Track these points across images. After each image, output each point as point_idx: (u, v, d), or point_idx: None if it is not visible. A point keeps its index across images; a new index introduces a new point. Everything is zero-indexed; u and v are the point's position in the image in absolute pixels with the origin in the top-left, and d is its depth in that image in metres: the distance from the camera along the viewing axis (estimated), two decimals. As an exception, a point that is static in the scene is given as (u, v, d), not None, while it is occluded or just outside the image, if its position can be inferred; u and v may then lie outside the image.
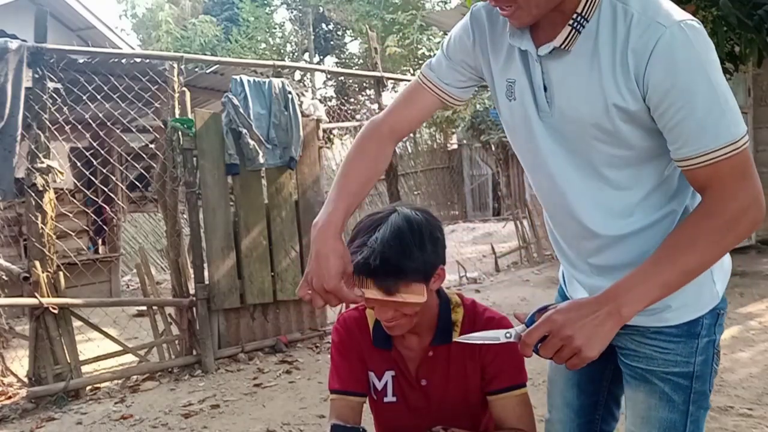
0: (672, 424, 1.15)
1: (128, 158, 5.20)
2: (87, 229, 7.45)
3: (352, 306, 1.56)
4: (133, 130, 5.76)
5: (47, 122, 3.67)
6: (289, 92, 4.46)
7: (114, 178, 6.40)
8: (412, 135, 16.43)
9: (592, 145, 1.08)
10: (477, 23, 1.19)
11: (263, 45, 22.27)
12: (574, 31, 1.02)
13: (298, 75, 16.29)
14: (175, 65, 4.22)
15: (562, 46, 1.04)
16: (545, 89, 1.09)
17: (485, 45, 1.18)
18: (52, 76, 3.75)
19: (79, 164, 5.41)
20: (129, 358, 4.23)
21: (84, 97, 4.37)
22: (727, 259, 1.20)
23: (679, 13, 0.98)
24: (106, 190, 6.48)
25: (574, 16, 1.02)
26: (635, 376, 1.19)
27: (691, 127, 0.96)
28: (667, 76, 0.95)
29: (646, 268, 1.00)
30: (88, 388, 3.79)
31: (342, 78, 19.82)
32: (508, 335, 1.06)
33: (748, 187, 0.98)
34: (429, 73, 1.26)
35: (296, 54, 22.89)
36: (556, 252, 1.31)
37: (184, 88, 4.24)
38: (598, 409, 1.36)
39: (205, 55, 14.84)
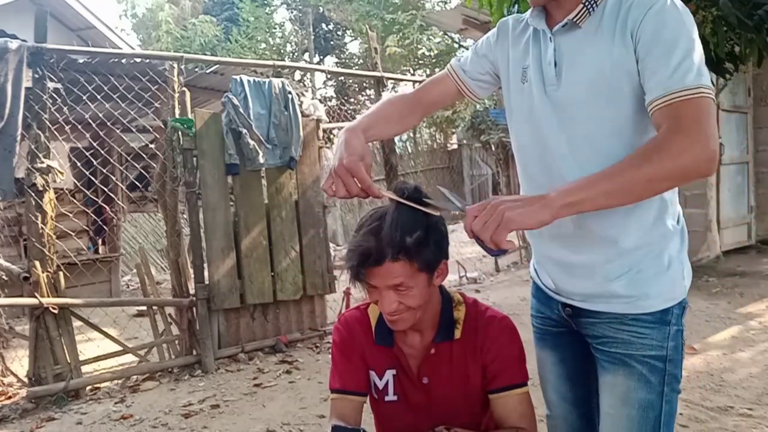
0: (650, 404, 1.26)
1: (128, 158, 5.20)
2: (87, 229, 7.46)
3: (353, 306, 1.57)
4: (133, 130, 5.77)
5: (47, 122, 3.67)
6: (289, 92, 4.46)
7: (114, 178, 6.41)
8: (412, 135, 16.45)
9: (590, 112, 1.21)
10: (503, 28, 1.41)
11: (263, 45, 22.24)
12: (585, 9, 1.21)
13: (298, 75, 16.30)
14: (175, 65, 4.22)
15: (575, 20, 1.21)
16: (555, 65, 1.25)
17: (506, 41, 1.38)
18: (52, 76, 3.75)
19: (79, 164, 5.41)
20: (129, 358, 4.23)
21: (84, 97, 4.37)
22: (688, 265, 1.33)
23: None
24: (106, 190, 6.48)
25: None
26: (614, 360, 1.29)
27: (666, 72, 1.10)
28: (655, 30, 1.12)
29: (588, 177, 1.08)
30: (88, 388, 3.79)
31: (342, 78, 19.81)
32: (455, 210, 1.18)
33: (700, 128, 1.06)
34: (456, 63, 1.48)
35: (296, 54, 22.88)
36: (528, 234, 1.43)
37: (184, 88, 4.24)
38: (592, 397, 1.40)
39: (205, 55, 14.85)
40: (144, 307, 4.83)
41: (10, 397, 3.68)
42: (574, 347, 1.41)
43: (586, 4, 1.20)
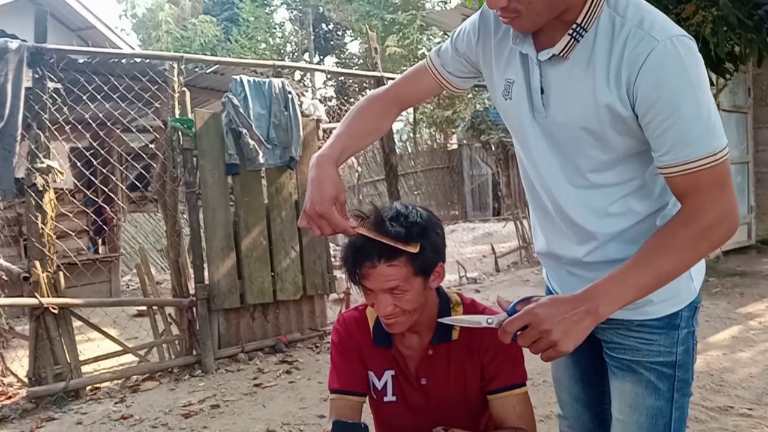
0: (659, 411, 1.22)
1: (128, 158, 5.20)
2: (87, 229, 7.45)
3: (353, 306, 1.57)
4: (133, 130, 5.76)
5: (47, 122, 3.67)
6: (289, 92, 4.46)
7: (114, 178, 6.40)
8: (411, 135, 16.43)
9: (580, 147, 1.14)
10: (484, 23, 1.25)
11: (263, 45, 22.25)
12: (573, 40, 1.08)
13: (298, 75, 16.29)
14: (175, 65, 4.22)
15: (561, 54, 1.10)
16: (542, 92, 1.15)
17: (489, 44, 1.25)
18: (52, 76, 3.75)
19: (79, 164, 5.41)
20: (129, 358, 4.23)
21: (84, 97, 4.37)
22: (699, 264, 1.26)
23: (674, 28, 1.04)
24: (106, 190, 6.49)
25: (574, 26, 1.08)
26: (622, 367, 1.26)
27: (674, 138, 1.02)
28: (656, 88, 1.01)
29: (624, 271, 1.05)
30: (88, 388, 3.79)
31: (342, 78, 19.81)
32: (489, 321, 1.13)
33: (724, 198, 1.04)
34: (436, 59, 1.36)
35: (296, 54, 22.88)
36: (539, 250, 1.38)
37: (184, 88, 4.24)
38: (605, 399, 1.39)
39: (205, 55, 14.84)
40: (144, 307, 4.83)
41: (10, 397, 3.67)
42: (587, 349, 1.36)
43: (574, 34, 1.07)
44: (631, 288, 1.04)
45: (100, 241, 7.87)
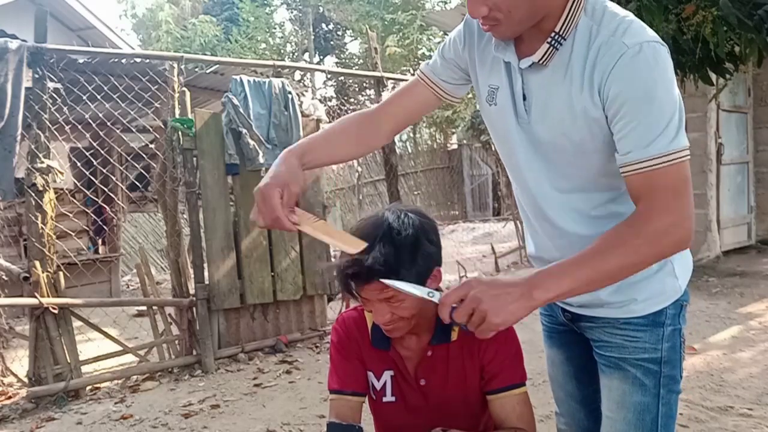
0: (645, 407, 1.24)
1: (128, 158, 5.21)
2: (87, 229, 7.46)
3: (352, 306, 1.57)
4: (133, 130, 5.77)
5: (47, 122, 3.67)
6: (289, 92, 4.46)
7: (114, 178, 6.41)
8: (412, 135, 16.43)
9: (562, 153, 1.16)
10: (469, 30, 1.29)
11: (263, 45, 22.23)
12: (551, 48, 1.11)
13: (298, 75, 16.28)
14: (175, 65, 4.22)
15: (540, 62, 1.13)
16: (524, 98, 1.18)
17: (473, 51, 1.28)
18: (52, 76, 3.75)
19: (79, 164, 5.42)
20: (129, 358, 4.23)
21: (84, 97, 4.37)
22: (688, 255, 1.29)
23: (646, 34, 1.07)
24: (106, 190, 6.50)
25: (552, 34, 1.11)
26: (609, 364, 1.29)
27: (636, 138, 1.04)
28: (623, 90, 1.04)
29: (567, 264, 1.06)
30: (88, 388, 3.79)
31: (342, 78, 19.81)
32: (431, 294, 1.12)
33: (676, 206, 1.04)
34: (426, 69, 1.38)
35: (296, 54, 22.87)
36: (529, 254, 1.41)
37: (184, 88, 4.24)
38: (599, 396, 1.40)
39: (205, 55, 14.84)
40: (144, 307, 4.83)
41: (10, 397, 3.68)
42: (580, 346, 1.41)
43: (552, 42, 1.10)
44: (569, 280, 1.03)
45: (100, 241, 7.88)
